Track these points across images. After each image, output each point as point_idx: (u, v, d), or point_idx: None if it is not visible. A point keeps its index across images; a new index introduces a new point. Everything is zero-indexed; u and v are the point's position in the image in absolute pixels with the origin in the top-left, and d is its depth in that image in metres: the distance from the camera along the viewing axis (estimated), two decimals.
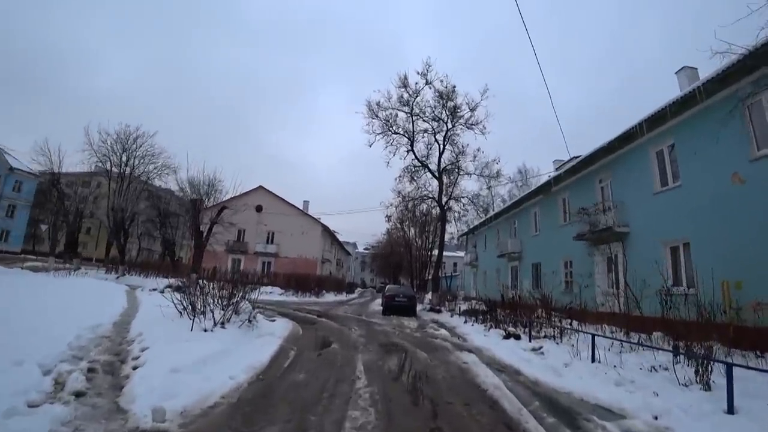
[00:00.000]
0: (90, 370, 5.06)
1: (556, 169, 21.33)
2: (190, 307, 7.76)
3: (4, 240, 33.67)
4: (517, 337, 10.24)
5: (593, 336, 7.51)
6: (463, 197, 24.01)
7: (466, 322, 14.18)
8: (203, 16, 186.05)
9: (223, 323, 8.16)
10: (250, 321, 8.92)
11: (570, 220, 16.03)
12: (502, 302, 13.98)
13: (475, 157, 22.24)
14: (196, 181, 21.10)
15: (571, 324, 10.41)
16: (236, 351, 6.59)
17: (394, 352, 8.25)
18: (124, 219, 25.50)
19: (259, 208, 36.78)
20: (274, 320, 11.19)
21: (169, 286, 13.36)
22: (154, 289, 14.27)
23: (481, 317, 13.91)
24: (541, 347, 8.78)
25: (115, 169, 27.64)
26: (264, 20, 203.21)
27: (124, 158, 27.81)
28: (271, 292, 25.29)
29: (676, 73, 12.66)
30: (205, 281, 9.34)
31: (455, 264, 58.24)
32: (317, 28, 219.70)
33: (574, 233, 14.80)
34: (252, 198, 36.35)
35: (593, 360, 7.06)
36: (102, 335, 7.06)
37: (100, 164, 27.67)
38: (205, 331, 7.48)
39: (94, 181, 33.78)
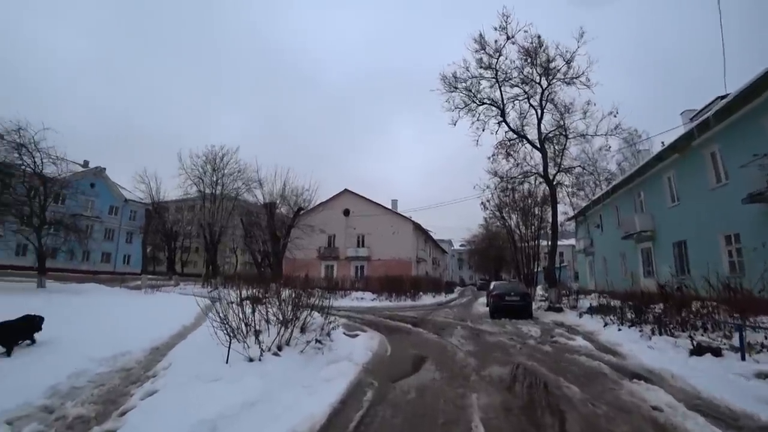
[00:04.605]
0: None
1: (691, 119, 16.55)
2: (226, 328, 5.67)
3: (127, 263, 37.70)
4: (716, 353, 6.47)
5: None
6: (574, 167, 19.26)
7: (606, 325, 10.49)
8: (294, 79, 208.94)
9: (279, 347, 6.03)
10: (319, 341, 6.68)
11: (728, 180, 12.14)
12: (661, 294, 10.21)
13: (585, 112, 17.33)
14: (269, 183, 20.35)
15: None
16: (280, 397, 4.26)
17: (524, 385, 5.26)
18: (213, 234, 26.14)
19: (346, 212, 35.73)
20: (356, 335, 8.86)
21: (247, 298, 11.95)
22: (232, 302, 13.02)
23: (628, 319, 10.23)
24: None
25: (207, 190, 29.15)
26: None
27: (214, 178, 29.36)
28: (362, 298, 23.50)
29: None
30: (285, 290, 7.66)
31: (561, 253, 51.36)
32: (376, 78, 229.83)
33: (741, 195, 10.76)
34: (338, 202, 35.53)
35: None
36: (121, 368, 5.34)
37: (194, 186, 29.36)
38: (251, 360, 5.35)
39: (197, 204, 36.20)
